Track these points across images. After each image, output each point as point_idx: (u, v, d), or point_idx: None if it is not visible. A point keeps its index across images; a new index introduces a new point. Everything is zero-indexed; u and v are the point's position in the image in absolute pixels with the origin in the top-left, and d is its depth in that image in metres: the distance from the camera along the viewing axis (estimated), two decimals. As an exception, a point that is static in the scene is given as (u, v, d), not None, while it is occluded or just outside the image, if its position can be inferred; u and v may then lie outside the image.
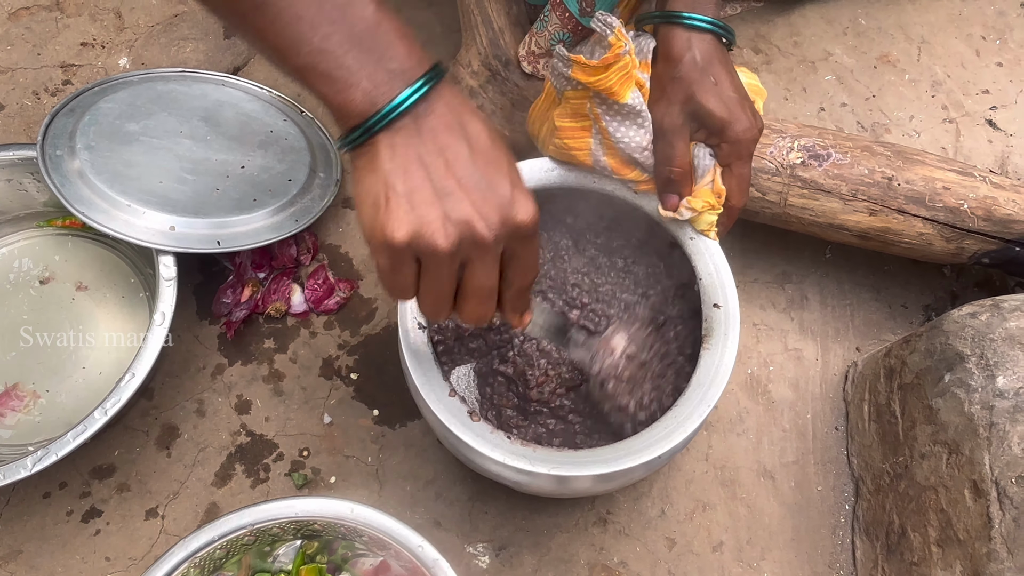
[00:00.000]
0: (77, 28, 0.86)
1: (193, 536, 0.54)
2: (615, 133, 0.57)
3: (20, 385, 0.68)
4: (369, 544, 0.58)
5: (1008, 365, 0.57)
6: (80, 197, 0.65)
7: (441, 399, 0.56)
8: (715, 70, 0.54)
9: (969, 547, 0.55)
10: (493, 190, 0.39)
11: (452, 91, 0.40)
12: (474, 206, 0.39)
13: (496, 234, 0.39)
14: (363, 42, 0.38)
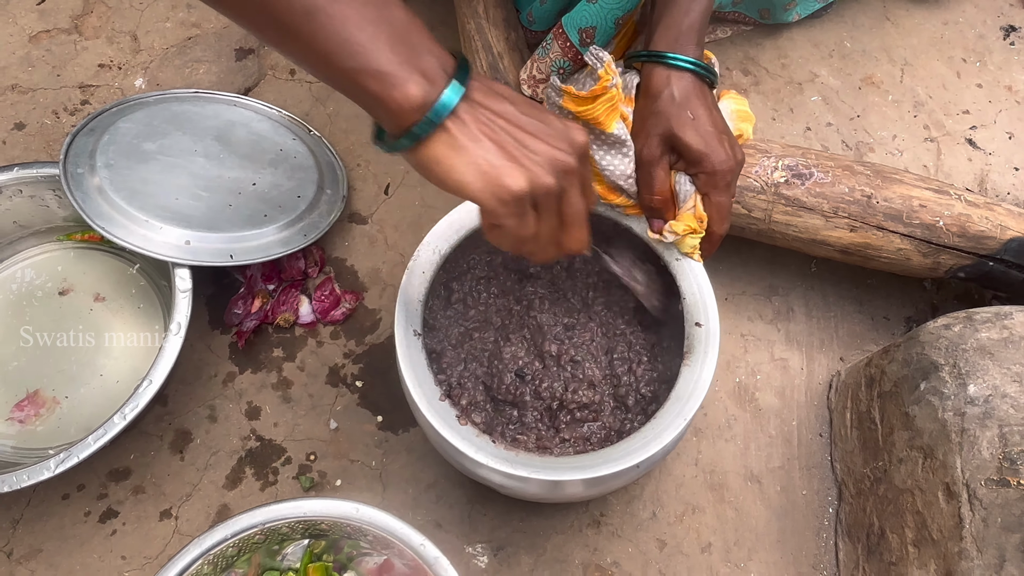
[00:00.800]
0: (95, 50, 0.90)
1: (207, 534, 0.57)
2: (601, 161, 0.60)
3: (40, 391, 0.71)
4: (373, 543, 0.61)
5: (979, 374, 0.60)
6: (101, 213, 0.68)
7: (432, 403, 0.59)
8: (693, 105, 0.58)
9: (943, 546, 0.58)
10: (552, 127, 0.45)
11: (476, 74, 0.45)
12: (551, 145, 0.44)
13: (576, 159, 0.45)
14: (405, 39, 0.41)
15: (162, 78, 0.88)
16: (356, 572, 0.63)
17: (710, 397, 0.76)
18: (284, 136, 0.81)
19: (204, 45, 0.89)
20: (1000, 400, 0.58)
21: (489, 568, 0.68)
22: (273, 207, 0.74)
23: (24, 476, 0.60)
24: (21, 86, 0.87)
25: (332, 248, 0.81)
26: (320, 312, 0.77)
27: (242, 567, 0.61)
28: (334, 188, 0.80)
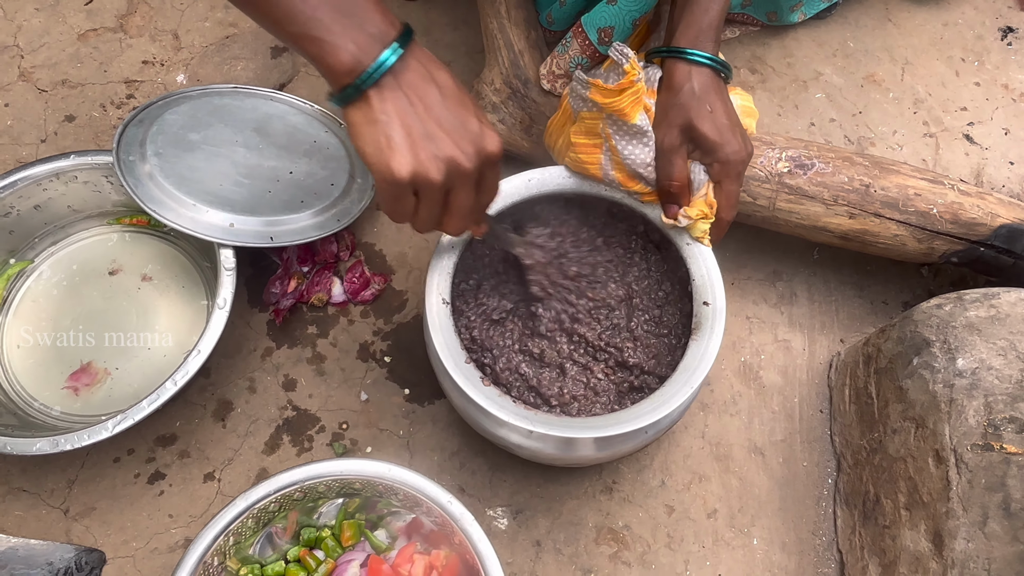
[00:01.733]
0: (139, 48, 0.95)
1: (253, 490, 0.62)
2: (623, 150, 0.65)
3: (93, 363, 0.77)
4: (404, 502, 0.65)
5: (967, 349, 0.64)
6: (152, 197, 0.74)
7: (459, 365, 0.64)
8: (711, 99, 0.63)
9: (932, 508, 0.63)
10: (467, 128, 0.48)
11: (420, 48, 0.49)
12: (456, 144, 0.48)
13: (473, 164, 0.48)
14: (345, 11, 0.46)
15: (202, 74, 0.94)
16: (387, 530, 0.68)
17: (717, 375, 0.80)
18: (317, 129, 0.86)
19: (242, 43, 0.95)
20: (986, 372, 0.62)
21: (509, 530, 0.73)
22: (309, 194, 0.80)
23: (84, 436, 0.66)
24: (71, 81, 0.93)
25: (362, 233, 0.86)
26: (351, 293, 0.82)
27: (281, 522, 0.66)
28: (364, 177, 0.85)
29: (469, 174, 0.49)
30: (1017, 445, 0.59)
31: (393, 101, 0.47)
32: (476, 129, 0.49)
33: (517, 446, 0.66)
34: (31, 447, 0.65)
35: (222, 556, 0.62)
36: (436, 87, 0.48)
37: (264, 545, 0.65)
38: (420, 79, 0.48)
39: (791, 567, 0.73)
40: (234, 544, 0.62)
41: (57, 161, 0.77)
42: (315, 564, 0.65)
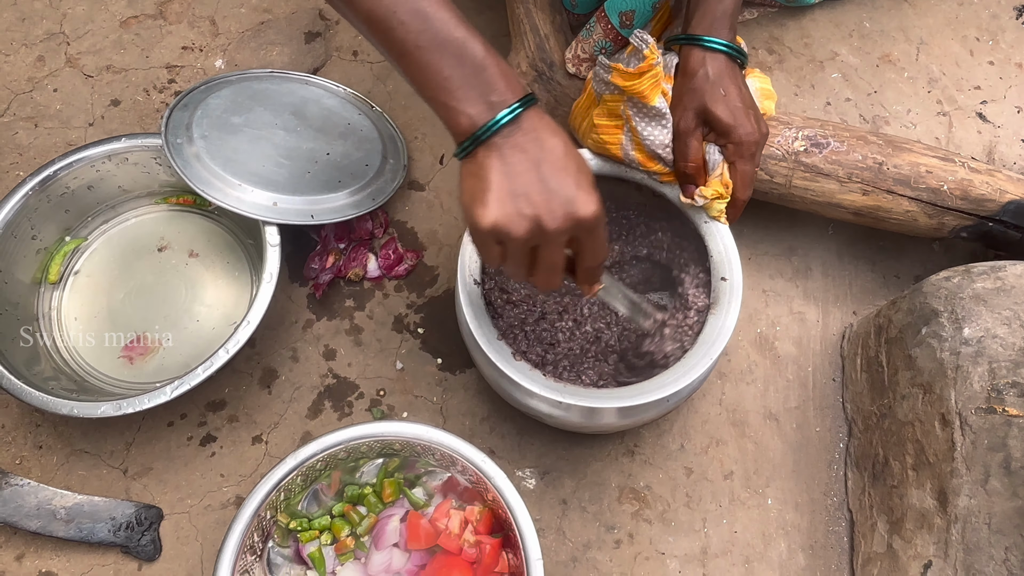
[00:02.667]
0: (178, 34, 0.99)
1: (302, 449, 0.67)
2: (642, 132, 0.69)
3: (146, 335, 0.82)
4: (440, 461, 0.70)
5: (973, 318, 0.68)
6: (200, 177, 0.78)
7: (491, 341, 0.68)
8: (724, 83, 0.66)
9: (937, 468, 0.67)
10: (559, 192, 0.50)
11: (537, 115, 0.52)
12: (544, 204, 0.50)
13: (558, 226, 0.50)
14: (473, 76, 0.50)
15: (239, 59, 0.98)
16: (424, 488, 0.73)
17: (733, 345, 0.84)
18: (351, 112, 0.90)
19: (276, 29, 0.99)
20: (991, 340, 0.66)
21: (536, 489, 0.78)
22: (346, 174, 0.84)
23: (145, 400, 0.71)
24: (115, 67, 0.97)
25: (395, 212, 0.90)
26: (385, 268, 0.86)
27: (325, 480, 0.71)
28: (396, 158, 0.89)
29: (551, 234, 0.50)
30: (1019, 408, 0.63)
31: (496, 159, 0.50)
32: (570, 194, 0.50)
33: (546, 415, 0.70)
34: (96, 410, 0.71)
35: (274, 510, 0.67)
36: (541, 150, 0.51)
37: (311, 501, 0.70)
38: (528, 141, 0.51)
39: (803, 525, 0.77)
40: (284, 499, 0.67)
41: (110, 143, 0.81)
42: (358, 519, 0.70)
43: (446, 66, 0.50)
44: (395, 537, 0.70)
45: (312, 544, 0.69)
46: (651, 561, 0.75)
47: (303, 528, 0.69)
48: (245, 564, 0.64)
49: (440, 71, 0.51)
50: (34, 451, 0.79)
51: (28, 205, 0.79)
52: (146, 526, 0.75)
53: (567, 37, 0.87)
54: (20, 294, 0.80)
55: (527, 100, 0.51)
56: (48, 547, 0.75)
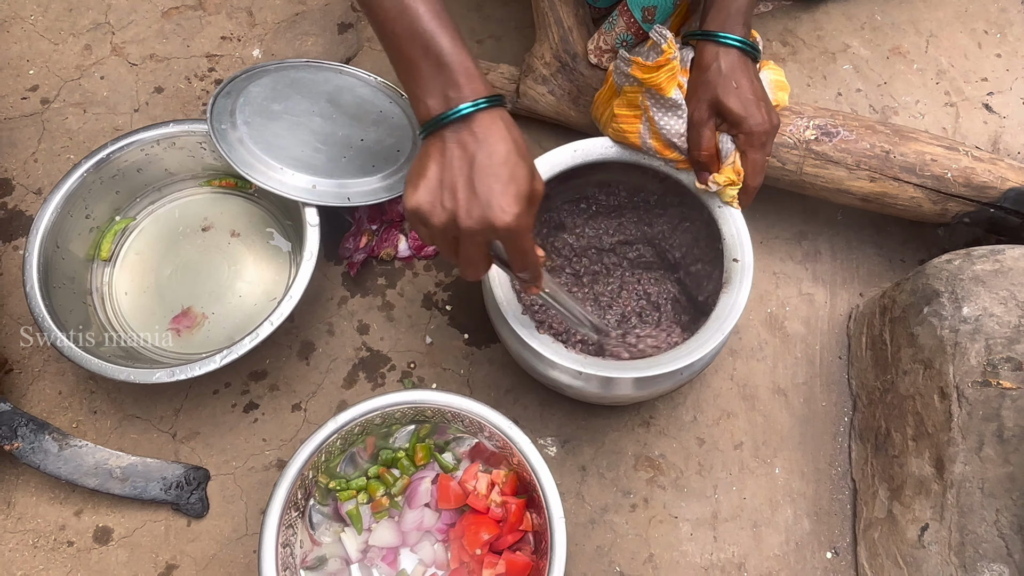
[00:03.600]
0: (217, 24, 1.04)
1: (341, 414, 0.73)
2: (659, 121, 0.73)
3: (192, 308, 0.87)
4: (468, 428, 0.75)
5: (972, 298, 0.72)
6: (244, 161, 0.83)
7: (516, 316, 0.73)
8: (736, 76, 0.70)
9: (935, 438, 0.71)
10: (481, 195, 0.53)
11: (491, 118, 0.54)
12: (463, 202, 0.53)
13: (471, 226, 0.53)
14: (435, 73, 0.55)
15: (275, 49, 1.02)
16: (453, 453, 0.78)
17: (745, 324, 0.89)
18: (382, 100, 0.95)
19: (311, 20, 1.04)
20: (988, 318, 0.70)
21: (557, 456, 0.83)
22: (379, 159, 0.89)
23: (196, 367, 0.76)
24: (158, 55, 1.02)
25: (423, 195, 0.95)
26: (415, 248, 0.91)
27: (360, 444, 0.76)
28: (425, 144, 0.94)
29: (466, 232, 0.54)
30: (1012, 381, 0.67)
31: (438, 149, 0.55)
32: (491, 199, 0.53)
33: (567, 386, 0.75)
34: (151, 376, 0.76)
35: (315, 470, 0.72)
36: (481, 151, 0.54)
37: (348, 464, 0.76)
38: (472, 140, 0.54)
39: (809, 493, 0.82)
40: (325, 461, 0.73)
41: (159, 128, 0.86)
42: (392, 480, 0.75)
43: (416, 56, 0.56)
44: (426, 497, 0.75)
45: (350, 503, 0.74)
46: (665, 524, 0.80)
47: (341, 488, 0.75)
48: (290, 519, 0.70)
49: (411, 59, 0.56)
50: (89, 416, 0.84)
51: (83, 186, 0.85)
52: (194, 485, 0.81)
53: (589, 29, 0.91)
54: (76, 269, 0.86)
55: (489, 100, 0.55)
56: (104, 504, 0.81)
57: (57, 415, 0.84)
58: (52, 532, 0.80)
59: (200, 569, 0.78)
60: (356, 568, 0.74)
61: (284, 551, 0.67)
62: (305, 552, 0.72)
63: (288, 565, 0.68)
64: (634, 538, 0.79)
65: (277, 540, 0.67)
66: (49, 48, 1.03)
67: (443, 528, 0.75)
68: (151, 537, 0.79)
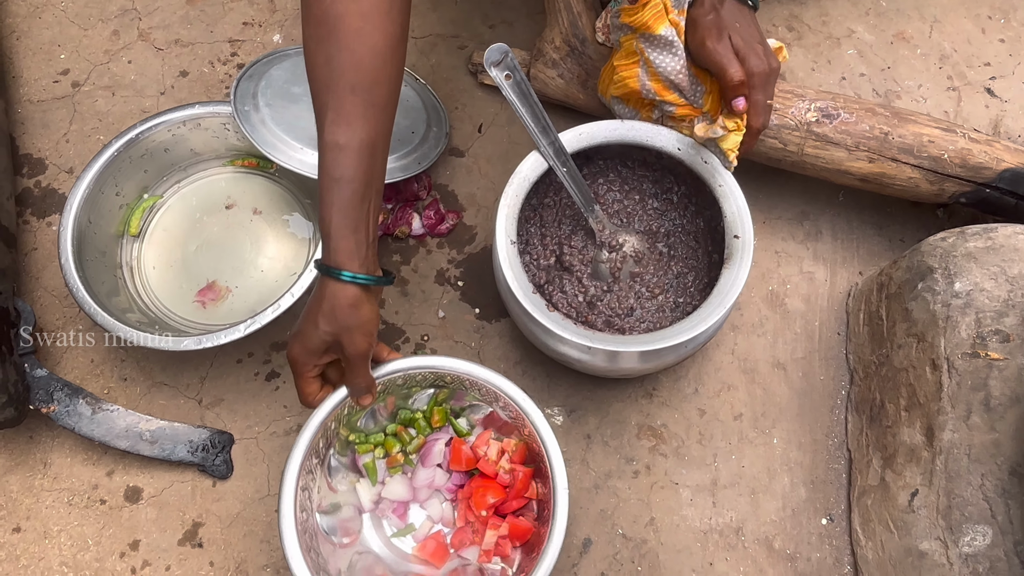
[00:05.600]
0: (239, 11, 1.08)
1: None
2: (655, 60, 0.76)
3: (216, 282, 0.91)
4: (484, 396, 0.79)
5: (964, 274, 0.75)
6: (266, 141, 0.87)
7: (527, 294, 0.76)
8: (733, 20, 0.72)
9: (926, 408, 0.74)
10: (326, 338, 0.66)
11: (337, 289, 0.64)
12: (306, 346, 0.67)
13: (306, 362, 0.68)
14: (328, 229, 0.65)
15: (295, 35, 1.06)
16: (467, 419, 0.82)
17: (746, 300, 0.92)
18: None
19: (329, 6, 1.07)
20: (979, 293, 0.73)
21: (564, 425, 0.86)
22: (394, 140, 0.91)
23: (221, 336, 0.81)
24: (183, 40, 1.06)
25: (437, 176, 0.98)
26: (428, 227, 0.95)
27: (382, 403, 0.79)
28: (439, 126, 0.98)
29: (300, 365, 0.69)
30: (999, 352, 0.70)
31: (313, 296, 0.67)
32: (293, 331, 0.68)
33: (575, 360, 0.79)
34: (179, 344, 0.81)
35: (337, 422, 0.75)
36: (320, 307, 0.66)
37: (368, 419, 0.79)
38: (322, 296, 0.66)
39: (806, 462, 0.85)
40: (347, 414, 0.76)
41: (186, 110, 0.90)
42: (408, 439, 0.79)
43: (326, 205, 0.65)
44: (439, 458, 0.79)
45: (367, 456, 0.78)
46: (666, 490, 0.84)
47: (361, 441, 0.78)
48: (310, 465, 0.73)
49: (323, 205, 0.66)
50: (120, 383, 0.89)
51: (114, 164, 0.89)
52: (219, 448, 0.85)
53: (598, 13, 0.94)
54: (107, 244, 0.90)
55: (324, 270, 0.65)
56: (135, 465, 0.85)
57: (89, 382, 0.89)
58: (86, 491, 0.85)
59: (225, 527, 0.83)
60: (367, 517, 0.78)
61: (303, 494, 0.71)
62: (321, 497, 0.75)
63: (305, 507, 0.71)
64: (636, 503, 0.83)
65: (297, 483, 0.70)
66: (79, 33, 1.07)
67: (452, 488, 0.79)
68: (178, 496, 0.84)
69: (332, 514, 0.76)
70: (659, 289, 0.84)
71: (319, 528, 0.74)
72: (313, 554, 0.70)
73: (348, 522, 0.77)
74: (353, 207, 0.64)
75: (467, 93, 1.03)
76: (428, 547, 0.77)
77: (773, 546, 0.82)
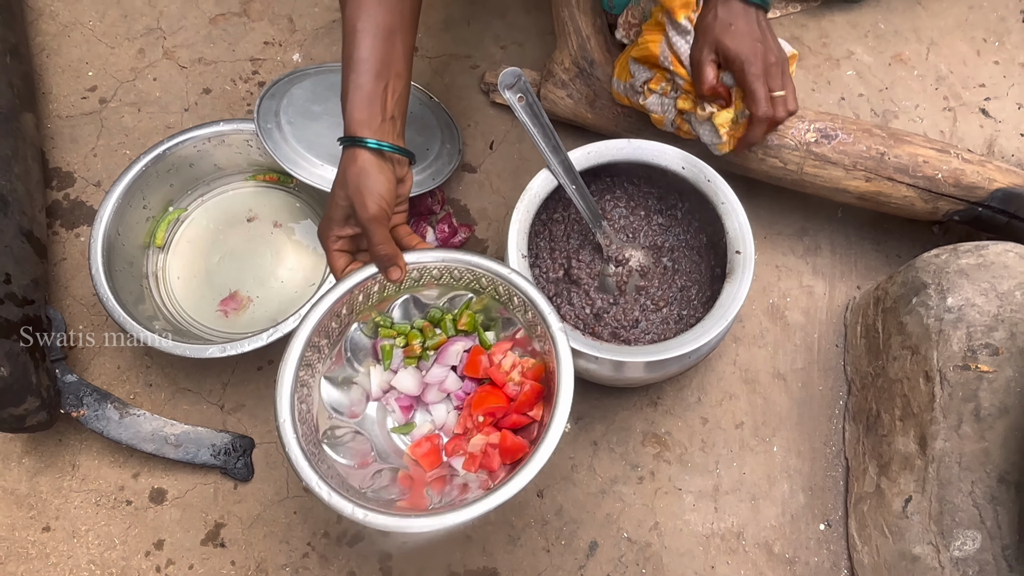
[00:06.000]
0: (260, 30, 1.12)
1: (408, 254, 0.74)
2: (673, 40, 0.82)
3: (239, 292, 0.95)
4: (517, 309, 0.76)
5: (956, 290, 0.78)
6: (287, 158, 0.91)
7: None
8: (733, 19, 0.77)
9: (920, 418, 0.78)
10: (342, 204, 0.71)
11: (350, 155, 0.71)
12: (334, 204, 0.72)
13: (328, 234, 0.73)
14: (352, 104, 0.72)
15: (314, 53, 1.10)
16: (496, 334, 0.80)
17: (748, 313, 0.95)
18: (413, 102, 1.02)
19: (346, 27, 1.11)
20: (970, 308, 0.76)
21: (571, 432, 0.90)
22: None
23: (245, 344, 0.84)
24: (206, 59, 1.11)
25: (450, 191, 1.02)
26: (442, 239, 0.99)
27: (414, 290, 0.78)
28: (452, 143, 1.01)
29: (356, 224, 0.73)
30: (989, 365, 0.73)
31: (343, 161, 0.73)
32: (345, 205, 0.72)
33: (583, 370, 0.82)
34: (204, 352, 0.84)
35: (367, 299, 0.75)
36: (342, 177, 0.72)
37: (401, 310, 0.79)
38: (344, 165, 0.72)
39: (805, 470, 0.88)
40: (377, 295, 0.76)
41: (211, 127, 0.94)
42: (431, 335, 0.79)
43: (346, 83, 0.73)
44: (455, 359, 0.79)
45: (387, 340, 0.79)
46: (669, 495, 0.87)
47: (385, 325, 0.79)
48: (318, 342, 0.74)
49: (345, 85, 0.73)
50: (145, 388, 0.93)
51: (142, 178, 0.93)
52: (240, 452, 0.89)
53: (606, 38, 0.98)
54: (134, 255, 0.94)
55: (351, 140, 0.72)
56: (159, 467, 0.89)
57: (116, 387, 0.93)
58: (112, 492, 0.88)
59: (245, 528, 0.86)
60: (373, 406, 0.79)
61: (306, 370, 0.72)
62: (336, 370, 0.76)
63: (305, 383, 0.72)
64: (641, 507, 0.86)
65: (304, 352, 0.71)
66: (106, 51, 1.12)
67: (461, 396, 0.79)
68: (201, 498, 0.88)
69: (342, 389, 0.77)
70: (663, 302, 0.88)
71: (322, 403, 0.74)
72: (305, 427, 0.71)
73: (355, 405, 0.78)
74: (368, 84, 0.71)
75: (479, 111, 1.07)
76: (422, 448, 0.76)
77: (773, 550, 0.85)
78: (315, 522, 0.86)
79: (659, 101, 0.87)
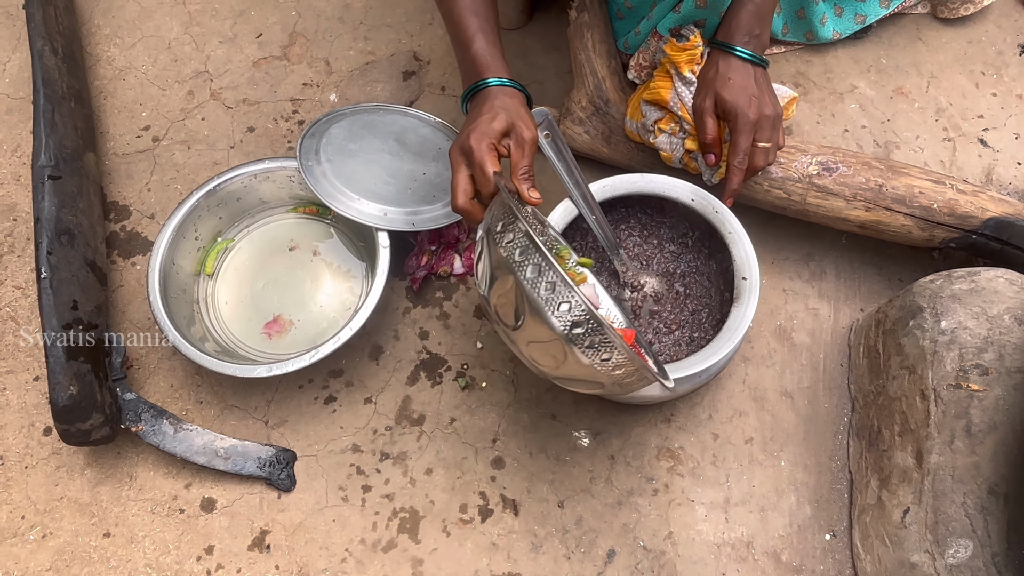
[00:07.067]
0: (299, 72, 1.21)
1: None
2: (678, 89, 0.91)
3: (281, 316, 1.03)
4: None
5: (949, 313, 0.83)
6: (327, 193, 0.99)
7: None
8: (732, 75, 0.86)
9: (917, 433, 0.83)
10: (501, 124, 0.81)
11: (481, 97, 0.83)
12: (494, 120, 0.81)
13: (464, 149, 0.80)
14: (465, 65, 0.87)
15: (349, 94, 1.19)
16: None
17: (756, 334, 1.01)
18: (441, 138, 1.10)
19: (379, 68, 1.20)
20: (962, 331, 0.82)
21: (590, 447, 0.96)
22: (438, 191, 1.04)
23: (289, 364, 0.92)
24: (249, 99, 1.19)
25: (476, 220, 1.10)
26: (468, 267, 1.06)
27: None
28: (477, 176, 1.09)
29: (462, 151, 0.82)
30: (979, 384, 0.78)
31: (470, 112, 0.86)
32: (461, 135, 0.82)
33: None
34: (252, 371, 0.92)
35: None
36: (480, 116, 0.81)
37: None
38: (473, 106, 0.85)
39: (811, 483, 0.94)
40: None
41: (258, 164, 1.03)
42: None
43: (458, 52, 0.88)
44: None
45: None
46: (683, 507, 0.93)
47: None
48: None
49: (458, 54, 0.88)
50: (196, 405, 1.01)
51: (195, 212, 1.01)
52: (284, 464, 0.96)
53: (620, 78, 1.05)
54: (186, 283, 1.03)
55: (482, 84, 0.84)
56: (209, 478, 0.97)
57: (169, 404, 1.01)
58: (167, 501, 0.96)
59: (289, 535, 0.93)
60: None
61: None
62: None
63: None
64: (656, 518, 0.92)
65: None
66: (158, 93, 1.21)
67: None
68: (248, 507, 0.95)
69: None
70: (676, 325, 0.94)
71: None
72: None
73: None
74: (496, 43, 0.87)
75: (502, 145, 1.14)
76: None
77: (781, 559, 0.90)
78: (352, 530, 0.93)
79: (668, 140, 0.94)
